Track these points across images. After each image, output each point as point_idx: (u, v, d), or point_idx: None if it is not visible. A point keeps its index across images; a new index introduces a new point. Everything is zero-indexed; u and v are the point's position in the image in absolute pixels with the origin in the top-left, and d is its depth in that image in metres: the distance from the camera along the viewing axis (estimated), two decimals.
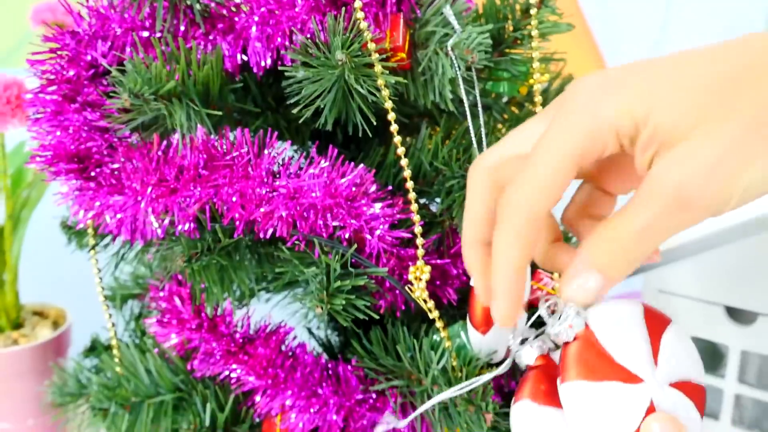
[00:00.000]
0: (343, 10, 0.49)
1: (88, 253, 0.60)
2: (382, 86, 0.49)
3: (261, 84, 0.57)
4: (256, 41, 0.51)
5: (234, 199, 0.49)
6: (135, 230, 0.51)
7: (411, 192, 0.51)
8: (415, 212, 0.51)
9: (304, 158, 0.50)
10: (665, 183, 0.35)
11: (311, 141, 0.60)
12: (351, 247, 0.51)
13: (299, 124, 0.58)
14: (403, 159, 0.51)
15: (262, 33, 0.51)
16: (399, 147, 0.51)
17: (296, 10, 0.50)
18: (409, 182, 0.51)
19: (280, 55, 0.52)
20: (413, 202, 0.51)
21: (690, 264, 0.70)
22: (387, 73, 0.49)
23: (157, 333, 0.57)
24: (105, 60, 0.53)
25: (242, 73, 0.55)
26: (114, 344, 0.61)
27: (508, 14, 0.57)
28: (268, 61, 0.52)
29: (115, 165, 0.51)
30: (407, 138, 0.60)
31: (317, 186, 0.49)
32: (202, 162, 0.50)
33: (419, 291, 0.51)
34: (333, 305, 0.50)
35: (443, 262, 0.55)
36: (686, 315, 0.71)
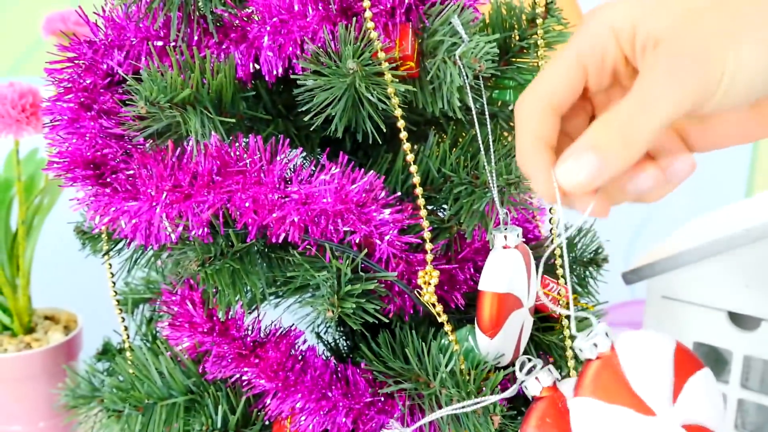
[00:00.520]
0: (354, 20, 0.50)
1: (101, 258, 0.61)
2: (392, 94, 0.50)
3: (271, 91, 0.58)
4: (268, 50, 0.53)
5: (247, 205, 0.50)
6: (149, 235, 0.52)
7: (420, 198, 0.52)
8: (425, 218, 0.52)
9: (315, 165, 0.51)
10: (656, 60, 0.37)
11: (320, 148, 0.61)
12: (361, 252, 0.52)
13: (309, 131, 0.59)
14: (413, 165, 0.52)
15: (274, 42, 0.52)
16: (409, 154, 0.52)
17: (307, 20, 0.51)
18: (419, 188, 0.52)
19: (291, 64, 0.53)
20: (422, 208, 0.52)
21: (693, 270, 0.71)
22: (397, 82, 0.50)
23: (170, 336, 0.58)
24: (121, 69, 0.54)
25: (253, 81, 0.56)
26: (127, 347, 0.62)
27: (515, 24, 0.58)
28: (280, 70, 0.53)
29: (131, 171, 0.52)
30: (415, 145, 0.62)
31: (328, 192, 0.50)
32: (216, 168, 0.51)
33: (428, 295, 0.52)
34: (344, 309, 0.51)
35: (451, 267, 0.56)
36: (690, 321, 0.72)
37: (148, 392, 0.58)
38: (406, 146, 0.52)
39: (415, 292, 0.53)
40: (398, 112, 0.51)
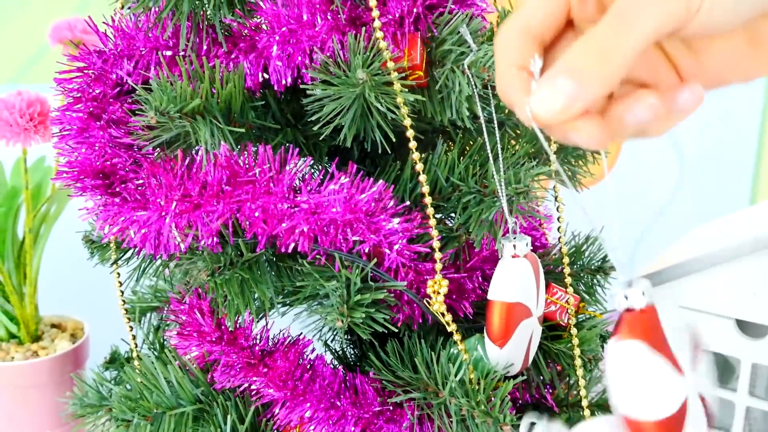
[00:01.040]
0: (363, 30, 0.50)
1: (109, 267, 0.61)
2: (401, 104, 0.50)
3: (280, 101, 0.59)
4: (277, 60, 0.53)
5: (256, 215, 0.51)
6: (158, 245, 0.52)
7: (429, 207, 0.52)
8: (433, 227, 0.52)
9: (323, 174, 0.52)
10: None
11: (328, 156, 0.61)
12: (370, 262, 0.52)
13: (317, 140, 0.59)
14: (422, 175, 0.52)
15: (283, 52, 0.53)
16: (418, 163, 0.52)
17: (316, 30, 0.52)
18: (427, 197, 0.52)
19: (300, 73, 0.53)
20: (431, 217, 0.52)
21: (701, 278, 0.71)
22: (406, 91, 0.50)
23: (178, 345, 0.58)
24: (130, 78, 0.54)
25: (262, 90, 0.57)
26: (135, 356, 0.62)
27: None
28: (289, 79, 0.53)
29: (140, 181, 0.52)
30: (423, 154, 0.62)
31: (338, 201, 0.50)
32: (225, 178, 0.51)
33: (437, 304, 0.52)
34: (353, 318, 0.51)
35: (459, 276, 0.56)
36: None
37: (157, 401, 0.58)
38: (416, 155, 0.52)
39: (424, 302, 0.53)
40: (407, 122, 0.51)
